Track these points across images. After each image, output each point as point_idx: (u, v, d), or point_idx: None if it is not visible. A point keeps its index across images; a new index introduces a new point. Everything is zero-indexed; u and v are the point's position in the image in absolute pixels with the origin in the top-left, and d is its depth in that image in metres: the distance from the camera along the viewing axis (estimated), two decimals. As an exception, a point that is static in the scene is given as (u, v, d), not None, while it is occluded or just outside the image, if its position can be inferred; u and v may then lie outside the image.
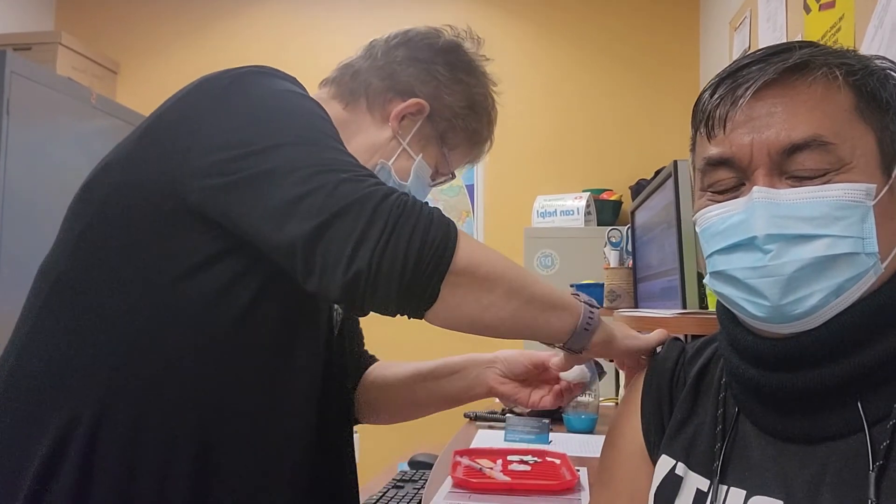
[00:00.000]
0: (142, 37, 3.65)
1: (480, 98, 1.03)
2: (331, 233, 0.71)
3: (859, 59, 0.63)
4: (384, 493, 1.52)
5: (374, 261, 0.70)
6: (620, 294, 1.93)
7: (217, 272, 0.79)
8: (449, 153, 1.03)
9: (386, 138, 0.99)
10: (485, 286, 0.76)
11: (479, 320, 0.77)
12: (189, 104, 0.83)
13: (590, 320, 0.82)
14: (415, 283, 0.72)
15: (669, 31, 3.33)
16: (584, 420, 1.72)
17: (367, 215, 0.71)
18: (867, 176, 0.59)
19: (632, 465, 0.76)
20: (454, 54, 1.02)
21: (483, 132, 1.06)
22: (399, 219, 0.72)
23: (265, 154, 0.75)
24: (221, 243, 0.79)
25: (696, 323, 0.93)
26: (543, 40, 3.42)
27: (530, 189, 3.25)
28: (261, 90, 0.82)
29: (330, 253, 0.71)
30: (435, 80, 0.99)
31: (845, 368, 0.58)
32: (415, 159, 1.00)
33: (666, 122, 3.26)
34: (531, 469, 1.30)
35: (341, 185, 0.73)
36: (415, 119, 0.99)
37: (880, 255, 0.58)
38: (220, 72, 0.85)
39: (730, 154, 0.62)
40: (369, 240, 0.70)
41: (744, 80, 0.61)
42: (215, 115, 0.80)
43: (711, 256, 0.64)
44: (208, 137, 0.78)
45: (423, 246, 0.72)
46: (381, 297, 0.72)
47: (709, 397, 0.71)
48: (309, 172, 0.74)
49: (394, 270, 0.71)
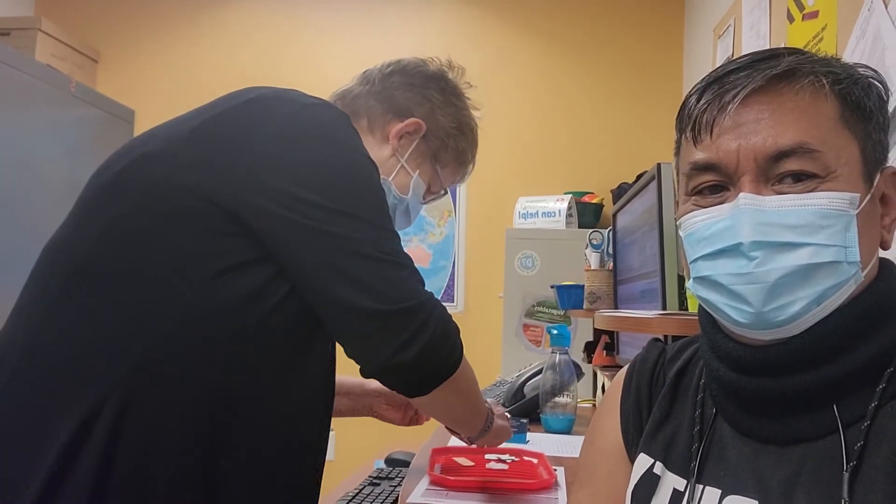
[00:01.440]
0: (123, 25, 3.60)
1: (467, 120, 1.15)
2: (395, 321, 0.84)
3: (844, 68, 0.63)
4: (360, 490, 1.51)
5: (419, 359, 0.85)
6: (600, 296, 1.94)
7: (250, 275, 0.84)
8: (441, 171, 1.14)
9: (386, 156, 1.08)
10: (458, 396, 0.97)
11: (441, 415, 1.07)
12: (254, 118, 0.87)
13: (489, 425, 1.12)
14: (428, 380, 0.89)
15: (654, 37, 3.36)
16: (562, 420, 1.72)
17: (422, 320, 0.85)
18: (850, 185, 0.60)
19: (610, 464, 0.76)
20: (444, 81, 1.13)
21: (468, 153, 1.18)
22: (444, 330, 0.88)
23: (350, 220, 0.84)
24: (256, 252, 0.84)
25: (677, 324, 0.93)
26: (528, 44, 3.43)
27: (512, 190, 3.26)
28: (336, 136, 0.89)
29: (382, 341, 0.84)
30: (430, 102, 1.10)
31: (824, 375, 0.59)
32: (412, 175, 1.10)
33: (649, 127, 3.29)
34: (509, 468, 1.30)
35: (410, 278, 0.87)
36: (412, 138, 1.09)
37: (861, 263, 0.59)
38: (276, 91, 0.91)
39: (716, 159, 0.62)
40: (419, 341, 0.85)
41: (731, 87, 0.62)
42: (290, 144, 0.85)
43: (696, 262, 0.64)
44: (283, 164, 0.84)
45: (450, 357, 0.90)
46: (403, 383, 0.89)
47: (687, 398, 0.72)
48: (382, 258, 0.85)
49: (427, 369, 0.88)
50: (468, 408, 1.05)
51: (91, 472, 0.77)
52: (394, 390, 0.91)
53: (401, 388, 0.90)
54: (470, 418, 1.07)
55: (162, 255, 0.83)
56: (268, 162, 0.84)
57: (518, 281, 2.84)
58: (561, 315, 2.69)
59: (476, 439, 1.12)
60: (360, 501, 1.43)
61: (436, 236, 3.41)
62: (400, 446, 1.93)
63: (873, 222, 0.62)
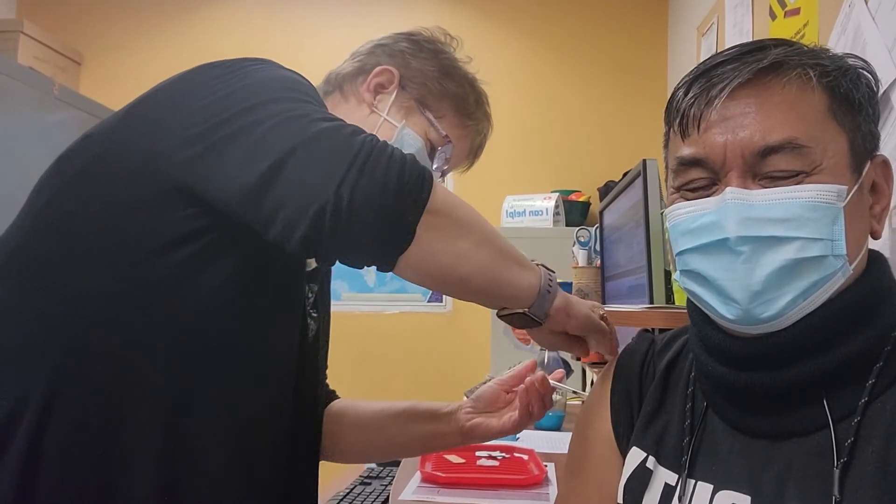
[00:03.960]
0: (107, 28, 3.57)
1: (448, 62, 1.02)
2: (296, 162, 0.66)
3: (833, 60, 0.63)
4: (351, 490, 1.51)
5: (346, 192, 0.64)
6: (588, 293, 1.95)
7: (189, 251, 0.75)
8: (437, 120, 1.00)
9: (364, 114, 0.97)
10: (460, 231, 0.71)
11: (454, 270, 0.71)
12: (178, 86, 0.81)
13: (550, 282, 0.77)
14: (392, 218, 0.65)
15: (638, 35, 3.37)
16: (552, 417, 1.73)
17: (341, 146, 0.66)
18: (838, 177, 0.59)
19: (600, 456, 0.76)
20: (416, 36, 1.03)
21: (469, 98, 1.02)
22: (373, 151, 0.67)
23: (240, 115, 0.71)
24: (196, 222, 0.75)
25: (663, 317, 0.94)
26: (514, 43, 3.43)
27: (500, 189, 3.26)
28: (252, 74, 0.79)
29: (292, 184, 0.65)
30: (400, 52, 1.00)
31: (812, 368, 0.59)
32: (398, 127, 0.97)
33: (635, 125, 3.30)
34: (499, 464, 1.30)
35: (312, 122, 0.69)
36: (388, 90, 0.98)
37: (848, 256, 0.59)
38: (211, 62, 0.83)
39: (703, 155, 0.62)
40: (339, 169, 0.65)
41: (718, 80, 0.61)
42: (200, 93, 0.77)
43: (682, 254, 0.64)
44: (190, 112, 0.75)
45: (401, 180, 0.66)
46: (354, 234, 0.65)
47: (678, 390, 0.72)
48: (281, 118, 0.70)
49: (371, 203, 0.64)
50: (490, 247, 0.73)
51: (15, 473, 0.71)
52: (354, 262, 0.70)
53: (361, 247, 0.67)
54: (508, 266, 0.75)
55: (91, 237, 0.76)
56: (178, 117, 0.76)
57: (506, 279, 2.84)
58: (549, 313, 2.70)
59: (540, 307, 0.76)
60: (352, 501, 1.43)
61: (423, 236, 3.41)
62: (390, 446, 1.93)
63: (861, 213, 0.62)
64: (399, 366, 3.30)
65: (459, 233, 0.71)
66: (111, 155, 0.78)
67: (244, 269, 0.78)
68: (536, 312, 0.77)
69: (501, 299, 0.77)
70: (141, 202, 0.75)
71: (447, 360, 3.24)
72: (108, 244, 0.76)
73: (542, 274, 0.77)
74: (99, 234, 0.76)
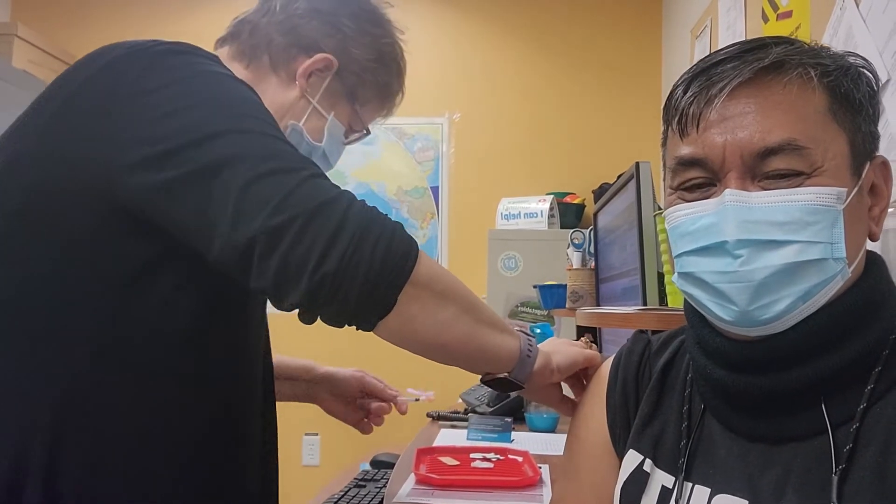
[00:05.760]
0: (102, 32, 3.56)
1: (388, 48, 0.98)
2: (299, 232, 0.67)
3: (834, 59, 0.62)
4: (346, 493, 1.51)
5: (342, 266, 0.68)
6: (583, 295, 1.95)
7: (157, 282, 0.75)
8: (361, 109, 0.99)
9: (294, 98, 0.93)
10: (441, 302, 0.74)
11: (432, 339, 0.75)
12: (104, 89, 0.74)
13: (530, 347, 0.81)
14: (375, 290, 0.69)
15: (632, 38, 3.38)
16: (546, 419, 1.73)
17: (338, 218, 0.69)
18: (838, 179, 0.59)
19: (596, 457, 0.76)
20: (357, 4, 0.97)
21: (394, 85, 1.01)
22: (368, 225, 0.70)
23: (210, 143, 0.70)
24: (160, 248, 0.74)
25: (657, 319, 0.94)
26: (509, 46, 3.44)
27: (495, 191, 3.26)
28: (188, 71, 0.76)
29: (296, 254, 0.67)
30: (340, 32, 0.94)
31: (811, 372, 0.58)
32: (327, 118, 0.96)
33: (629, 127, 3.31)
34: (494, 466, 1.30)
35: (305, 182, 0.70)
36: (323, 76, 0.94)
37: (847, 259, 0.59)
38: (129, 49, 0.77)
39: (702, 155, 0.61)
40: (339, 244, 0.68)
41: (718, 79, 0.60)
42: (140, 103, 0.72)
43: (680, 256, 0.63)
44: (135, 128, 0.71)
45: (388, 254, 0.70)
46: (339, 303, 0.69)
47: (675, 392, 0.71)
48: (263, 165, 0.69)
49: (357, 276, 0.68)
50: (470, 317, 0.76)
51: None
52: (337, 323, 0.72)
53: (345, 313, 0.70)
54: (489, 334, 0.78)
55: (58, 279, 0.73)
56: (122, 133, 0.72)
57: (501, 282, 2.85)
58: (544, 315, 2.70)
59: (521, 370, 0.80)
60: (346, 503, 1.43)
61: (419, 239, 3.41)
62: (386, 448, 1.93)
63: (860, 215, 0.61)
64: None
65: (440, 304, 0.74)
66: (51, 183, 0.73)
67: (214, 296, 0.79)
68: (518, 377, 0.80)
69: (483, 364, 0.80)
70: (96, 234, 0.73)
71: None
72: (76, 285, 0.74)
73: (522, 339, 0.81)
74: (64, 276, 0.74)
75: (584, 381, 0.87)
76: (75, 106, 0.75)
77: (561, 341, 0.89)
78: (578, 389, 0.87)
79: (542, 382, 0.83)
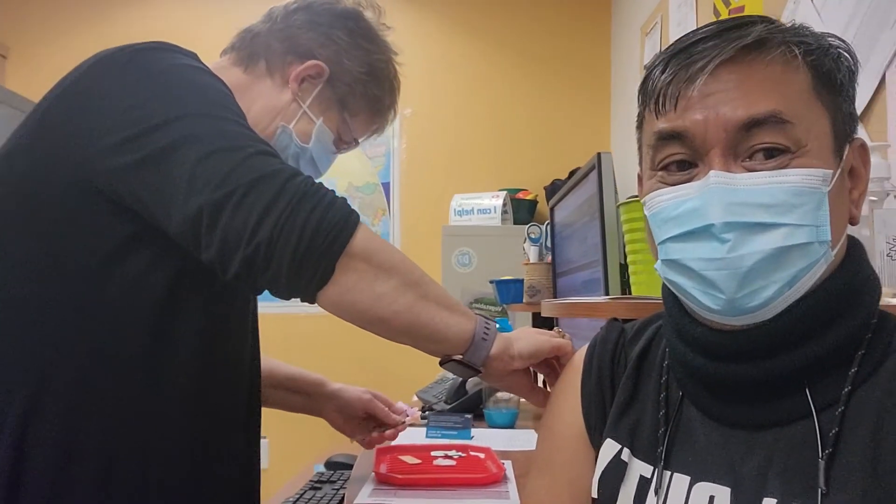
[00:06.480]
0: (34, 20, 3.41)
1: (380, 65, 1.03)
2: (237, 204, 0.72)
3: (815, 38, 0.61)
4: (301, 495, 1.45)
5: (275, 234, 0.71)
6: (540, 289, 1.94)
7: (132, 259, 0.79)
8: (350, 119, 1.04)
9: (286, 101, 0.98)
10: (379, 274, 0.75)
11: (371, 310, 0.75)
12: (88, 84, 0.81)
13: (486, 330, 0.80)
14: (307, 259, 0.72)
15: (582, 34, 3.41)
16: (506, 415, 1.70)
17: (275, 190, 0.72)
18: (822, 160, 0.58)
19: (571, 450, 0.74)
20: (354, 20, 1.02)
21: (385, 100, 1.06)
22: (303, 196, 0.73)
23: (167, 127, 0.75)
24: (133, 227, 0.78)
25: (626, 307, 0.92)
26: (459, 40, 3.42)
27: (447, 188, 3.24)
28: (160, 65, 0.81)
29: (234, 224, 0.71)
30: (334, 44, 1.00)
31: (796, 358, 0.58)
32: (315, 123, 1.00)
33: (579, 124, 3.33)
34: (456, 464, 1.27)
35: (249, 158, 0.74)
36: (314, 82, 1.00)
37: (831, 242, 0.58)
38: (117, 48, 0.83)
39: (682, 128, 0.59)
40: (273, 214, 0.71)
41: (699, 57, 0.59)
42: (116, 94, 0.78)
43: (664, 243, 0.61)
44: (111, 116, 0.77)
45: (321, 224, 0.73)
46: (273, 270, 0.72)
47: (651, 380, 0.70)
48: (213, 144, 0.74)
49: (288, 244, 0.71)
50: (413, 292, 0.77)
51: None
52: (279, 294, 0.75)
53: (279, 282, 0.73)
54: (433, 311, 0.78)
55: (36, 255, 0.78)
56: (99, 121, 0.77)
57: (456, 278, 2.82)
58: (499, 311, 2.69)
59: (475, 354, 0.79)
60: (303, 506, 1.37)
61: (370, 235, 3.37)
62: (340, 449, 1.88)
63: (843, 198, 0.61)
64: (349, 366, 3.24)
65: (379, 276, 0.76)
66: (37, 172, 0.79)
67: (187, 273, 0.81)
68: (472, 359, 0.80)
69: (428, 342, 0.80)
70: (75, 215, 0.78)
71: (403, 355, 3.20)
72: (53, 260, 0.78)
73: (478, 321, 0.81)
74: (42, 252, 0.78)
75: (558, 370, 0.84)
76: (62, 104, 0.80)
77: (529, 329, 0.88)
78: (552, 379, 0.85)
79: (501, 368, 0.82)
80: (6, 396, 0.77)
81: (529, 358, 0.83)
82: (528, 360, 0.83)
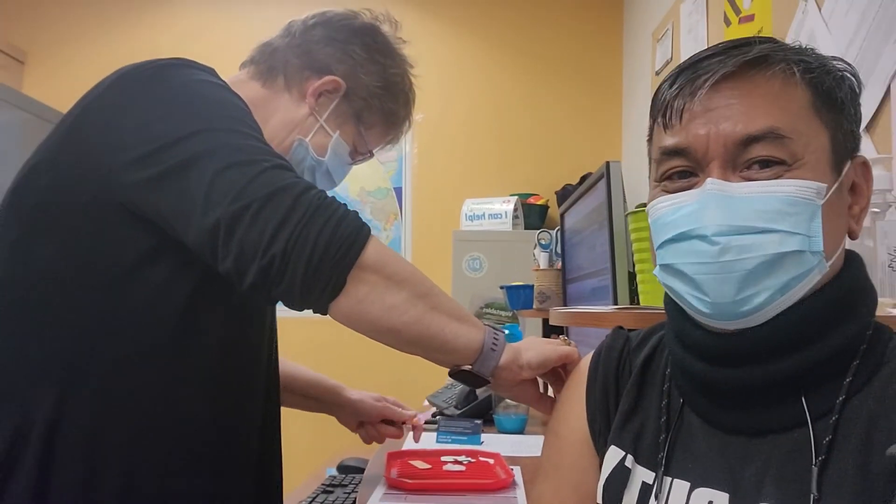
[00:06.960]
0: (52, 26, 3.46)
1: (396, 79, 1.06)
2: (253, 217, 0.74)
3: (817, 58, 0.63)
4: (313, 499, 1.47)
5: (289, 246, 0.73)
6: (550, 295, 1.95)
7: (154, 269, 0.81)
8: (366, 132, 1.06)
9: (303, 115, 1.01)
10: (390, 286, 0.77)
11: (382, 321, 0.77)
12: (111, 99, 0.83)
13: (495, 339, 0.82)
14: (320, 272, 0.74)
15: (593, 41, 3.42)
16: (515, 420, 1.72)
17: (289, 204, 0.74)
18: (818, 174, 0.60)
19: (576, 455, 0.75)
20: (370, 36, 1.04)
21: (400, 113, 1.08)
22: (317, 210, 0.75)
23: (185, 143, 0.77)
24: (154, 239, 0.80)
25: (633, 317, 0.93)
26: (473, 47, 3.44)
27: (459, 192, 3.26)
28: (179, 81, 0.83)
29: (250, 236, 0.73)
30: (351, 59, 1.02)
31: (789, 365, 0.59)
32: (332, 136, 1.03)
33: (590, 129, 3.34)
34: (465, 469, 1.29)
35: (265, 172, 0.76)
36: (331, 97, 1.02)
37: (825, 254, 0.59)
38: (139, 64, 0.85)
39: (685, 144, 0.62)
40: (287, 227, 0.74)
41: (703, 72, 0.62)
42: (138, 109, 0.81)
43: (661, 247, 0.63)
44: (133, 132, 0.79)
45: (333, 237, 0.75)
46: (287, 282, 0.74)
47: (654, 387, 0.71)
48: (230, 158, 0.76)
49: (302, 256, 0.73)
50: (423, 303, 0.78)
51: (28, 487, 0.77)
52: (292, 305, 0.77)
53: (292, 294, 0.75)
54: (443, 322, 0.79)
55: (62, 266, 0.81)
56: (121, 136, 0.80)
57: (466, 283, 2.84)
58: (509, 316, 2.70)
59: (484, 364, 0.80)
60: (315, 509, 1.39)
61: (383, 240, 3.38)
62: (352, 453, 1.90)
63: (840, 212, 0.62)
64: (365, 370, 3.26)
65: (390, 288, 0.77)
66: (61, 185, 0.81)
67: (207, 283, 0.83)
68: (481, 370, 0.81)
69: (437, 353, 0.81)
70: (99, 228, 0.80)
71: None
72: (78, 272, 0.80)
73: (487, 332, 0.82)
74: (67, 264, 0.81)
75: (564, 378, 0.86)
76: (86, 119, 0.83)
77: (536, 339, 0.89)
78: (559, 387, 0.87)
79: (510, 378, 0.84)
80: (31, 405, 0.79)
81: (538, 368, 0.85)
82: (537, 369, 0.85)
